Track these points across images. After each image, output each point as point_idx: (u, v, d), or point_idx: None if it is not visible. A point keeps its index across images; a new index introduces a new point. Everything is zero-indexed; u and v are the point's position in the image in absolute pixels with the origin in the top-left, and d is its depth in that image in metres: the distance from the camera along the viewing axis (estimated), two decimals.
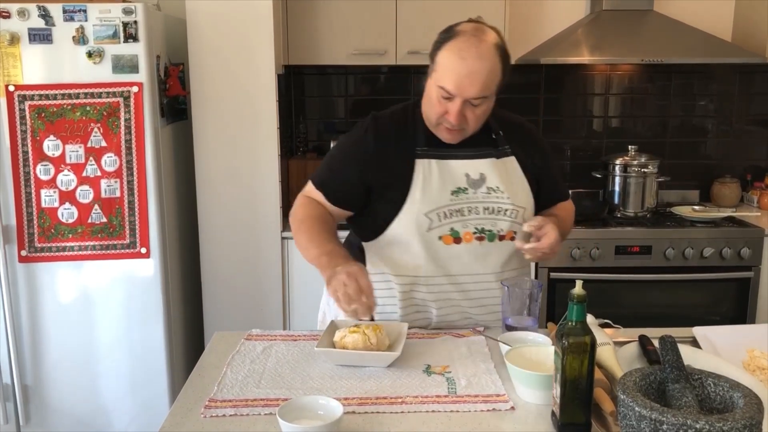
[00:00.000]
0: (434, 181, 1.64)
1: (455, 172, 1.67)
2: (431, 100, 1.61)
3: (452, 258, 1.66)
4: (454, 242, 1.65)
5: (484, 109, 1.60)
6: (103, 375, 2.63)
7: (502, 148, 1.71)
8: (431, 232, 1.63)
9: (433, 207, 1.64)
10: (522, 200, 1.70)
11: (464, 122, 1.59)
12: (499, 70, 1.57)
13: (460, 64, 1.53)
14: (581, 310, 1.17)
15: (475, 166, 1.68)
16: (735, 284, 2.95)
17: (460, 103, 1.55)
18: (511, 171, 1.71)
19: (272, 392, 1.36)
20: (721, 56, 3.09)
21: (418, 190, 1.64)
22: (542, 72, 3.41)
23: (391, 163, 1.65)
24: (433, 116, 1.62)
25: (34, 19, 2.39)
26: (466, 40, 1.55)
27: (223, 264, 2.86)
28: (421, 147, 1.66)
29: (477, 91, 1.54)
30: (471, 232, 1.65)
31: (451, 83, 1.54)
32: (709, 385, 1.12)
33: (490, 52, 1.55)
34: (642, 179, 3.16)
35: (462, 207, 1.65)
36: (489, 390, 1.36)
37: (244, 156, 2.79)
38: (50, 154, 2.47)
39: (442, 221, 1.64)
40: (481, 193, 1.66)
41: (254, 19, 2.70)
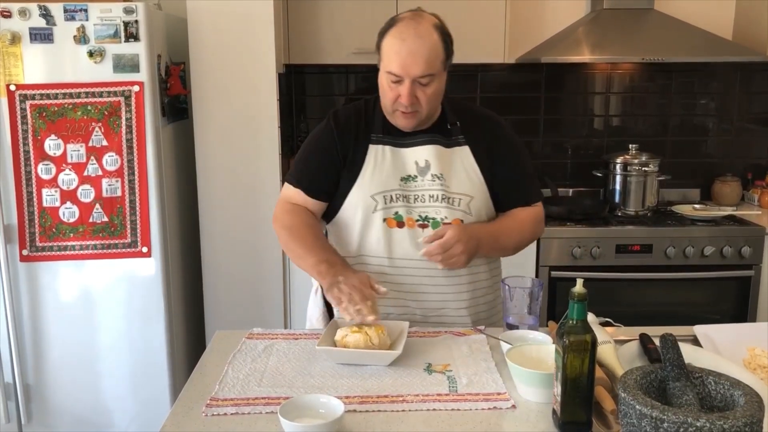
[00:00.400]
0: (386, 166, 1.70)
1: (407, 160, 1.72)
2: (384, 90, 1.67)
3: (394, 241, 1.70)
4: (398, 226, 1.69)
5: (434, 89, 1.64)
6: (104, 374, 2.63)
7: (455, 138, 1.74)
8: (376, 213, 1.69)
9: (381, 190, 1.69)
10: (467, 189, 1.71)
11: (417, 104, 1.64)
12: (441, 48, 1.63)
13: (401, 45, 1.60)
14: (582, 308, 1.18)
15: (421, 153, 1.71)
16: (736, 283, 2.96)
17: (409, 84, 1.60)
18: (459, 160, 1.73)
19: (273, 391, 1.36)
20: (722, 55, 3.09)
21: (368, 173, 1.70)
22: (543, 71, 3.41)
23: (349, 147, 1.72)
24: (387, 103, 1.68)
25: (35, 19, 2.40)
26: (404, 24, 1.62)
27: (224, 263, 2.87)
28: (376, 134, 1.73)
29: (421, 69, 1.59)
30: (414, 218, 1.70)
31: (396, 65, 1.60)
32: (710, 383, 1.12)
33: (429, 31, 1.61)
34: (643, 178, 3.16)
35: (410, 194, 1.70)
36: (490, 388, 1.36)
37: (245, 155, 2.80)
38: (51, 154, 2.47)
39: (388, 204, 1.70)
40: (427, 180, 1.70)
41: (255, 18, 2.70)
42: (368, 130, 1.73)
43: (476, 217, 1.72)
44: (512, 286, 1.59)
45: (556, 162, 3.50)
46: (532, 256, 2.93)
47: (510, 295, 1.59)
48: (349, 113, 1.77)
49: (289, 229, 1.72)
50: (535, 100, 3.46)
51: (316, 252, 1.65)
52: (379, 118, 1.74)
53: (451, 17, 2.93)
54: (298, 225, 1.72)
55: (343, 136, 1.73)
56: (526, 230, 1.79)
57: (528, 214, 1.79)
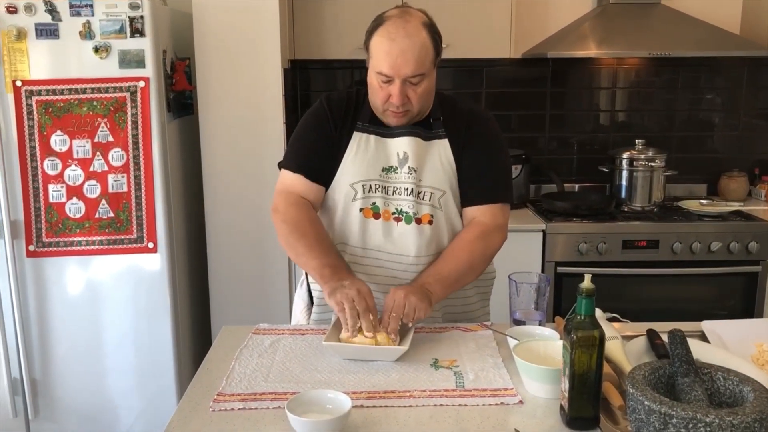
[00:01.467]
0: (369, 155, 1.69)
1: (390, 150, 1.70)
2: (374, 89, 1.64)
3: (369, 232, 1.68)
4: (374, 217, 1.68)
5: (425, 87, 1.62)
6: (110, 369, 2.64)
7: (435, 131, 1.71)
8: (354, 202, 1.68)
9: (360, 179, 1.68)
10: (440, 183, 1.69)
11: (408, 103, 1.62)
12: (430, 46, 1.60)
13: (390, 45, 1.57)
14: (590, 304, 1.17)
15: (402, 145, 1.69)
16: (743, 278, 2.94)
17: (400, 83, 1.58)
18: (436, 153, 1.70)
19: (280, 386, 1.36)
20: (729, 49, 3.08)
21: (349, 161, 1.69)
22: (549, 66, 3.40)
23: (338, 132, 1.70)
24: (378, 103, 1.65)
25: (40, 15, 2.40)
26: (393, 23, 1.59)
27: (230, 258, 2.87)
28: (362, 122, 1.71)
29: (412, 68, 1.57)
30: (390, 211, 1.68)
31: (387, 66, 1.58)
32: (719, 379, 1.12)
33: (418, 29, 1.58)
34: (649, 173, 3.15)
35: (388, 185, 1.69)
36: (497, 384, 1.36)
37: (251, 150, 2.80)
38: (57, 149, 2.47)
39: (367, 194, 1.68)
40: (404, 173, 1.69)
41: (260, 13, 2.70)
42: (355, 118, 1.71)
43: (446, 212, 1.70)
44: (519, 282, 1.59)
45: (562, 157, 3.50)
46: (538, 252, 2.93)
47: (517, 291, 1.59)
48: (341, 98, 1.75)
49: (293, 224, 1.67)
50: (541, 95, 3.44)
51: (320, 254, 1.61)
52: (367, 109, 1.71)
53: (456, 12, 2.97)
54: (301, 220, 1.67)
55: (336, 120, 1.71)
56: (473, 249, 1.67)
57: (470, 232, 1.70)
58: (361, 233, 1.69)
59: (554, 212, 3.06)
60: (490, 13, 3.01)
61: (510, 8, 3.02)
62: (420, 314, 1.52)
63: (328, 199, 1.73)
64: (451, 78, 3.41)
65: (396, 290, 1.55)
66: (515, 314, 1.60)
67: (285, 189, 1.75)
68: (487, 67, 3.40)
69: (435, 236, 1.69)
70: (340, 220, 1.71)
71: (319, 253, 1.61)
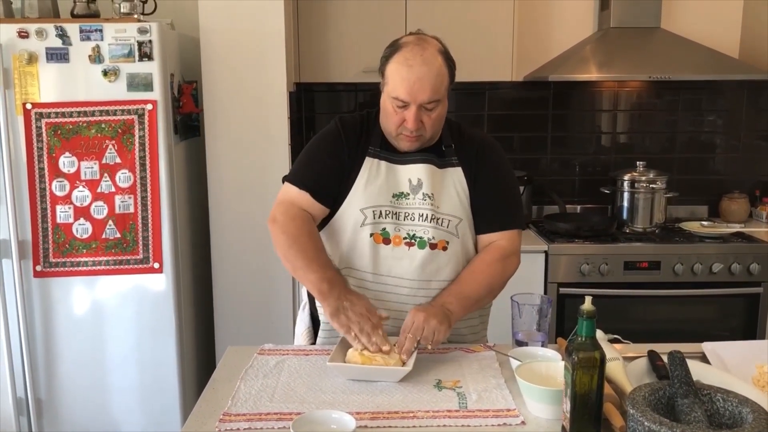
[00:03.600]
0: (379, 180, 1.70)
1: (401, 176, 1.72)
2: (388, 113, 1.67)
3: (380, 257, 1.69)
4: (384, 242, 1.69)
5: (438, 113, 1.65)
6: (115, 388, 2.65)
7: (449, 159, 1.74)
8: (364, 228, 1.69)
9: (371, 204, 1.69)
10: (456, 211, 1.72)
11: (422, 128, 1.65)
12: (446, 73, 1.65)
13: (408, 71, 1.60)
14: (591, 325, 1.19)
15: (415, 172, 1.71)
16: (744, 300, 2.95)
17: (416, 109, 1.61)
18: (451, 181, 1.73)
19: (285, 406, 1.37)
20: (729, 73, 3.11)
21: (361, 186, 1.70)
22: (550, 88, 3.44)
23: (350, 157, 1.72)
24: (392, 128, 1.67)
25: (51, 39, 2.44)
26: (410, 50, 1.62)
27: (235, 279, 2.89)
28: (374, 147, 1.73)
29: (428, 95, 1.61)
30: (402, 236, 1.69)
31: (403, 91, 1.60)
32: (718, 400, 1.13)
33: (435, 57, 1.62)
34: (650, 195, 3.17)
35: (399, 211, 1.70)
36: (499, 405, 1.37)
37: (256, 172, 2.83)
38: (66, 171, 2.51)
39: (377, 220, 1.69)
40: (418, 199, 1.70)
41: (266, 37, 2.75)
42: (367, 143, 1.73)
43: (463, 240, 1.72)
44: (521, 303, 1.61)
45: (564, 179, 3.52)
46: (541, 273, 2.94)
47: (519, 312, 1.61)
48: (354, 121, 1.77)
49: (293, 237, 1.67)
50: (543, 117, 3.48)
51: (318, 268, 1.61)
52: (378, 133, 1.74)
53: (458, 36, 3.01)
54: (301, 234, 1.67)
55: (350, 142, 1.73)
56: (493, 272, 1.71)
57: (490, 254, 1.73)
58: (371, 258, 1.69)
59: (556, 233, 3.09)
60: (492, 37, 3.05)
61: (512, 32, 3.06)
62: (439, 337, 1.55)
63: (336, 223, 1.73)
64: (454, 100, 3.45)
65: (416, 312, 1.57)
66: (518, 335, 1.62)
67: (287, 201, 1.75)
68: (490, 90, 3.44)
69: (449, 262, 1.71)
70: (349, 245, 1.71)
71: (318, 267, 1.62)
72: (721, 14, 3.38)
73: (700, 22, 3.35)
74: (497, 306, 1.89)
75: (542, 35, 3.38)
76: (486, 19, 3.05)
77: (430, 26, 2.99)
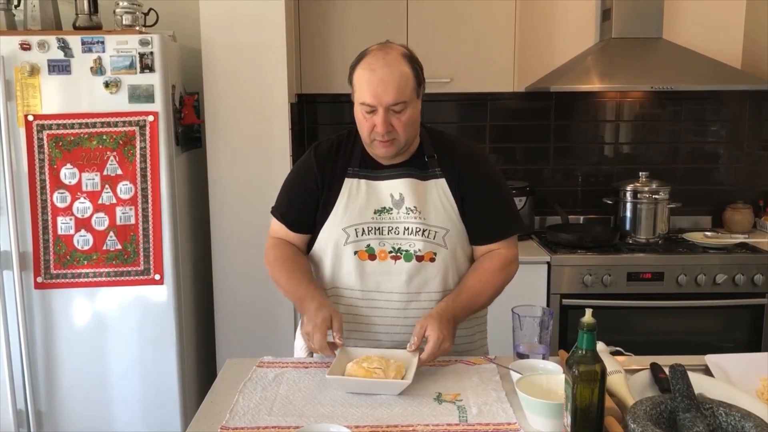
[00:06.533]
0: (360, 199, 1.72)
1: (382, 193, 1.73)
2: (360, 121, 1.68)
3: (366, 274, 1.70)
4: (369, 258, 1.70)
5: (409, 115, 1.65)
6: (115, 401, 2.64)
7: (431, 170, 1.74)
8: (347, 246, 1.70)
9: (353, 223, 1.71)
10: (443, 222, 1.71)
11: (393, 131, 1.65)
12: (411, 75, 1.65)
13: (371, 75, 1.62)
14: (591, 338, 1.18)
15: (396, 187, 1.72)
16: (748, 311, 2.93)
17: (383, 112, 1.62)
18: (434, 193, 1.73)
19: (284, 420, 1.36)
20: (731, 83, 3.11)
21: (342, 207, 1.72)
22: (552, 99, 3.44)
23: (327, 180, 1.75)
24: (365, 134, 1.68)
25: (53, 51, 2.45)
26: (373, 56, 1.65)
27: (235, 291, 2.88)
28: (353, 168, 1.75)
29: (393, 96, 1.61)
30: (387, 250, 1.70)
31: (368, 95, 1.62)
32: (721, 414, 1.12)
33: (397, 60, 1.64)
34: (653, 205, 3.16)
35: (383, 226, 1.71)
36: (500, 418, 1.36)
37: (258, 183, 2.82)
38: (67, 182, 2.51)
39: (359, 237, 1.70)
40: (402, 213, 1.71)
41: (268, 49, 2.75)
42: (345, 164, 1.75)
43: (451, 250, 1.71)
44: (522, 315, 1.59)
45: (567, 189, 3.51)
46: (543, 284, 2.93)
47: (520, 324, 1.59)
48: (330, 146, 1.79)
49: (273, 264, 1.78)
50: (545, 127, 3.48)
51: (295, 287, 1.71)
52: (358, 151, 1.75)
53: (460, 47, 3.02)
54: (280, 258, 1.77)
55: (324, 169, 1.75)
56: (497, 281, 1.73)
57: (494, 262, 1.74)
58: (358, 276, 1.70)
59: (559, 244, 3.07)
60: (493, 48, 3.06)
61: (513, 43, 3.06)
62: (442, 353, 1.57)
63: (319, 246, 1.76)
64: (456, 111, 3.46)
65: (435, 330, 1.54)
66: (519, 348, 1.60)
67: (272, 233, 1.85)
68: (492, 101, 3.44)
69: (438, 273, 1.70)
70: (333, 265, 1.73)
71: (294, 286, 1.71)
72: (723, 24, 3.38)
73: (702, 32, 3.35)
74: (498, 318, 1.88)
75: (544, 46, 3.38)
76: (487, 30, 3.05)
77: (432, 38, 3.03)
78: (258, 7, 2.73)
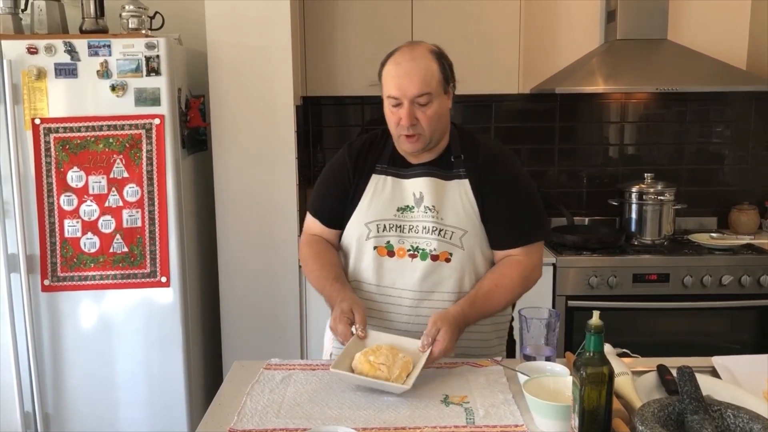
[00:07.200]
0: (384, 195, 1.75)
1: (406, 191, 1.75)
2: (387, 116, 1.72)
3: (384, 270, 1.73)
4: (388, 255, 1.73)
5: (434, 110, 1.66)
6: (122, 403, 2.65)
7: (456, 171, 1.74)
8: (369, 241, 1.74)
9: (375, 218, 1.74)
10: (461, 223, 1.71)
11: (418, 125, 1.66)
12: (436, 69, 1.67)
13: (396, 69, 1.66)
14: (599, 340, 1.18)
15: (418, 185, 1.74)
16: (755, 312, 2.93)
17: (408, 105, 1.64)
18: (455, 193, 1.73)
19: (291, 422, 1.37)
20: (736, 84, 3.10)
21: (366, 202, 1.76)
22: (557, 100, 3.44)
23: (357, 175, 1.79)
24: (392, 129, 1.72)
25: (60, 55, 2.46)
26: (400, 52, 1.69)
27: (241, 293, 2.89)
28: (382, 164, 1.78)
29: (417, 88, 1.63)
30: (405, 248, 1.72)
31: (393, 88, 1.65)
32: (729, 416, 1.12)
33: (424, 54, 1.67)
34: (659, 207, 3.16)
35: (404, 224, 1.73)
36: (507, 420, 1.36)
37: (263, 185, 2.83)
38: (73, 185, 2.52)
39: (381, 233, 1.73)
40: (420, 212, 1.73)
41: (273, 51, 2.76)
42: (375, 161, 1.78)
43: (468, 251, 1.71)
44: (529, 317, 1.60)
45: (572, 191, 3.51)
46: (549, 286, 2.93)
47: (527, 326, 1.60)
48: (362, 144, 1.82)
49: (305, 261, 1.83)
50: (550, 129, 3.48)
51: (324, 284, 1.73)
52: (389, 149, 1.79)
53: (465, 49, 3.02)
54: (312, 255, 1.81)
55: (356, 165, 1.79)
56: (516, 289, 1.73)
57: (513, 269, 1.72)
58: (375, 271, 1.73)
59: (564, 246, 3.07)
60: (498, 50, 3.06)
61: (518, 45, 3.07)
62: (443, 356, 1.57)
63: (345, 239, 1.80)
64: (461, 113, 3.46)
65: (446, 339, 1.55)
66: (525, 350, 1.61)
67: (306, 230, 1.91)
68: (496, 102, 3.44)
69: (452, 274, 1.70)
70: (355, 259, 1.76)
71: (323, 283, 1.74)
72: (728, 25, 3.38)
73: (706, 33, 3.35)
74: None
75: (548, 48, 3.39)
76: (492, 32, 3.06)
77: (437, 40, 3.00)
78: (263, 10, 2.73)
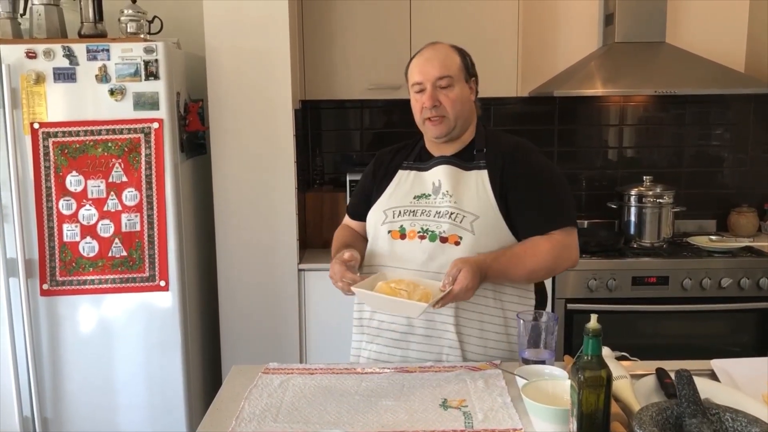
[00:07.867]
0: (405, 186, 1.86)
1: (426, 181, 1.84)
2: (414, 106, 1.82)
3: (395, 252, 1.78)
4: (400, 238, 1.79)
5: (456, 94, 1.77)
6: (121, 407, 2.64)
7: (476, 162, 1.80)
8: (384, 226, 1.82)
9: (392, 206, 1.84)
10: (474, 209, 1.74)
11: (441, 107, 1.76)
12: (456, 56, 1.80)
13: (418, 58, 1.81)
14: (597, 344, 1.18)
15: (437, 174, 1.82)
16: (754, 315, 2.93)
17: (431, 88, 1.76)
18: (473, 181, 1.78)
19: (290, 426, 1.37)
20: (734, 87, 3.11)
21: (388, 193, 1.87)
22: (556, 103, 3.44)
23: (381, 173, 1.92)
24: (417, 116, 1.82)
25: (59, 59, 2.46)
26: (424, 48, 1.83)
27: (240, 296, 2.89)
28: (408, 161, 1.90)
29: (438, 70, 1.75)
30: (416, 230, 1.77)
31: (417, 74, 1.78)
32: (727, 420, 1.12)
33: (445, 47, 1.81)
34: (658, 209, 3.16)
35: (417, 209, 1.80)
36: (506, 424, 1.36)
37: (262, 189, 2.83)
38: (72, 189, 2.52)
39: (395, 218, 1.81)
40: (438, 198, 1.79)
41: (272, 56, 2.76)
42: (403, 159, 1.90)
43: (478, 237, 1.71)
44: (527, 321, 1.60)
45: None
46: (548, 289, 2.92)
47: (525, 330, 1.60)
48: (392, 148, 1.96)
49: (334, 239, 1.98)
50: (549, 132, 3.48)
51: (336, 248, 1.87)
52: (417, 149, 1.90)
53: None
54: (336, 235, 1.99)
55: (381, 164, 1.93)
56: (546, 256, 1.72)
57: (548, 242, 1.73)
58: (388, 253, 1.79)
59: None
60: (497, 53, 3.06)
61: (517, 48, 3.07)
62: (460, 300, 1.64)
63: (367, 226, 1.90)
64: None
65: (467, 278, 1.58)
66: (524, 353, 1.60)
67: (342, 223, 2.07)
68: (495, 105, 3.44)
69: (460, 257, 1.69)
70: (372, 243, 1.86)
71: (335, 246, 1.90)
72: (726, 28, 3.38)
73: (705, 36, 3.35)
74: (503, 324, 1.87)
75: (547, 51, 3.39)
76: (491, 35, 3.06)
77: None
78: (262, 14, 2.74)
